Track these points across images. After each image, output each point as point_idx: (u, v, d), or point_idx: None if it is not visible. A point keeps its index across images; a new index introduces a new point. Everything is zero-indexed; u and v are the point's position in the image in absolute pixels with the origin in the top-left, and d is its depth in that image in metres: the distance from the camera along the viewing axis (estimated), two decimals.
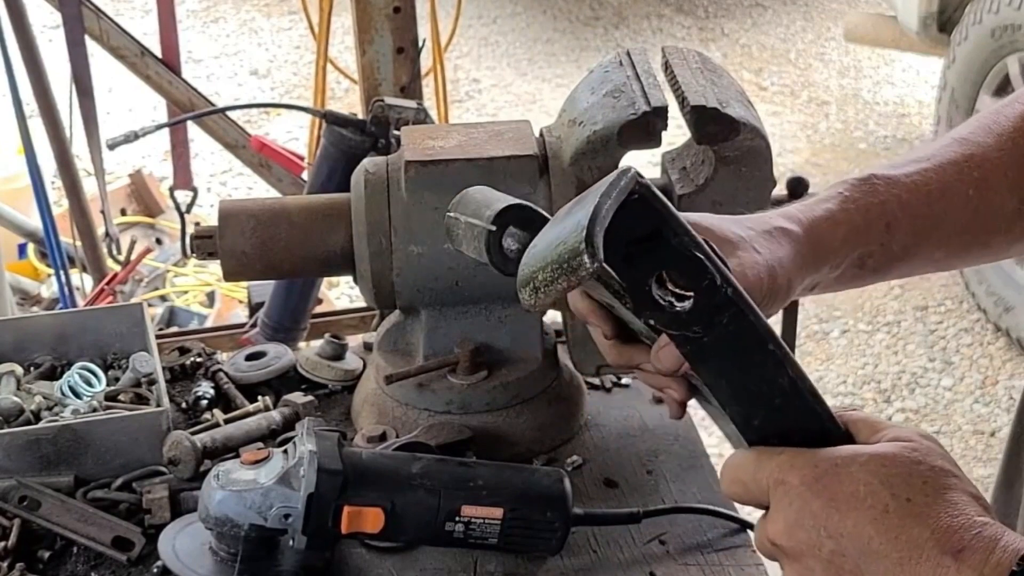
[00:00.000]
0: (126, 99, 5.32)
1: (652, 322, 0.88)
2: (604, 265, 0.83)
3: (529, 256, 0.88)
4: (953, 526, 0.82)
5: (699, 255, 0.86)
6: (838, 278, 1.10)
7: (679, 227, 0.86)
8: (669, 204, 0.87)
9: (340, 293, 4.05)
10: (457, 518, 1.23)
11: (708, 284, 0.86)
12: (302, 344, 2.37)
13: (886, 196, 1.09)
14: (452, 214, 1.03)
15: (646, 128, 1.37)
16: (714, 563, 1.30)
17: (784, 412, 0.89)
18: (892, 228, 1.09)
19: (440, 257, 1.40)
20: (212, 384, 1.57)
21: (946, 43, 4.36)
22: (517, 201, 0.98)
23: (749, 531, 1.35)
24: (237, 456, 1.33)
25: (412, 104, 2.12)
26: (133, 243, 2.95)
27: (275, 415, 1.49)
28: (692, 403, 1.03)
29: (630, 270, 0.87)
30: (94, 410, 1.47)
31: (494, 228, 0.97)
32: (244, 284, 2.84)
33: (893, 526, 0.83)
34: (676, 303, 0.87)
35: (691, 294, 0.87)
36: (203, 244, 1.45)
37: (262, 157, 2.73)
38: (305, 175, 2.64)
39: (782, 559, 0.90)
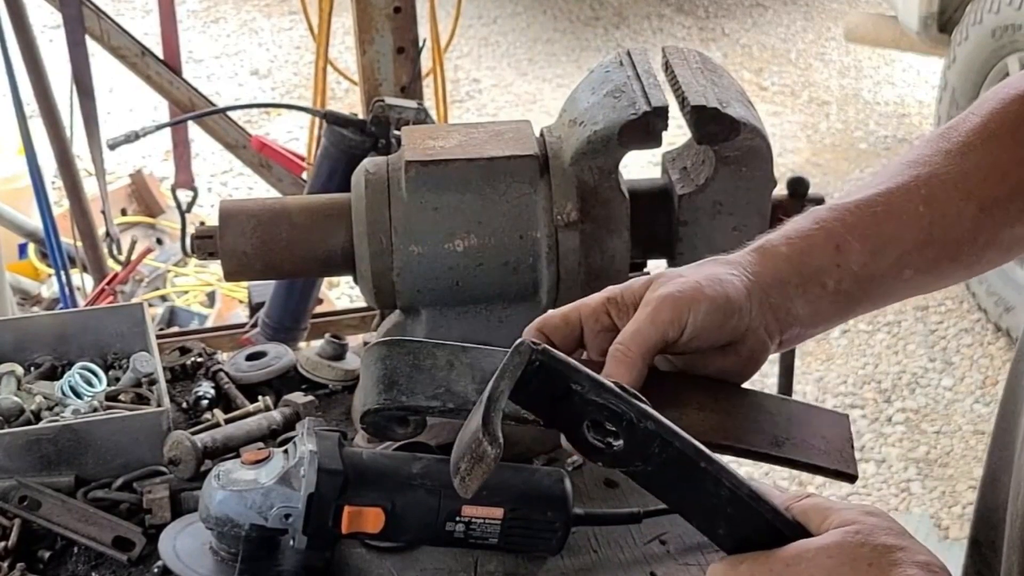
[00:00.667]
0: (127, 99, 5.32)
1: (600, 463, 0.95)
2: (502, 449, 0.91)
3: (456, 445, 0.95)
4: None
5: (610, 402, 0.93)
6: (814, 309, 1.10)
7: (585, 380, 0.93)
8: (571, 362, 0.94)
9: (340, 293, 4.05)
10: (457, 518, 1.23)
11: (627, 424, 0.92)
12: (302, 344, 2.37)
13: (830, 223, 1.10)
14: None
15: (646, 128, 1.37)
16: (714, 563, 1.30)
17: (737, 520, 0.94)
18: (842, 250, 1.09)
19: (440, 257, 1.40)
20: (213, 384, 1.57)
21: (946, 43, 4.37)
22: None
23: None
24: (238, 456, 1.33)
25: (412, 104, 2.12)
26: (134, 243, 2.95)
27: (275, 415, 1.49)
28: None
29: (564, 425, 0.95)
30: (95, 410, 1.48)
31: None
32: (244, 284, 2.84)
33: None
34: (613, 443, 0.93)
35: (620, 437, 0.93)
36: (204, 244, 1.45)
37: (262, 157, 2.74)
38: (305, 175, 2.64)
39: None
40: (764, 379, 3.84)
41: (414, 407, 1.06)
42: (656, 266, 1.48)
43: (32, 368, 1.58)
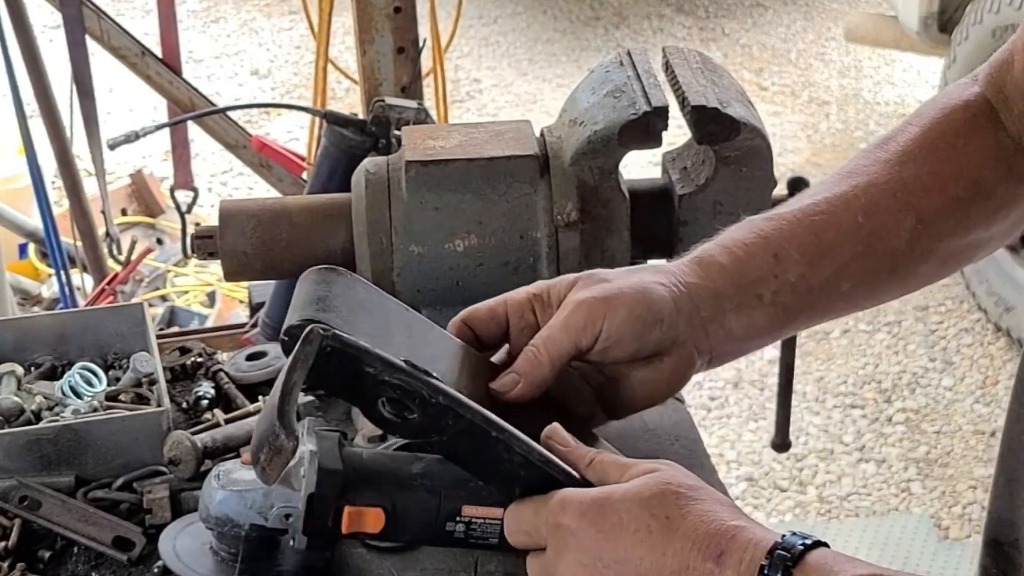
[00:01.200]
0: (127, 99, 5.32)
1: (400, 438, 1.01)
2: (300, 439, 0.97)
3: (254, 434, 0.99)
4: (710, 532, 0.89)
5: (403, 380, 0.96)
6: (749, 322, 1.09)
7: (377, 362, 0.96)
8: (361, 345, 0.96)
9: None
10: (458, 518, 1.23)
11: (420, 400, 0.96)
12: None
13: (768, 232, 1.10)
14: None
15: (646, 128, 1.37)
16: None
17: (532, 482, 0.98)
18: (780, 259, 1.08)
19: (441, 257, 1.40)
20: (213, 384, 1.57)
21: (947, 43, 4.37)
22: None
23: None
24: (238, 456, 1.33)
25: (413, 104, 2.12)
26: (134, 243, 2.96)
27: None
28: (691, 404, 1.04)
29: (361, 403, 0.98)
30: (95, 410, 1.48)
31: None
32: (245, 284, 2.84)
33: (658, 544, 0.90)
34: (408, 416, 0.97)
35: (415, 412, 0.97)
36: (204, 244, 1.45)
37: (263, 157, 2.74)
38: (305, 175, 2.64)
39: None
40: (764, 379, 3.85)
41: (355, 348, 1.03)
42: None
43: (32, 368, 1.58)
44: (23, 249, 3.99)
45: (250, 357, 1.61)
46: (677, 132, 1.39)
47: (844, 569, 0.86)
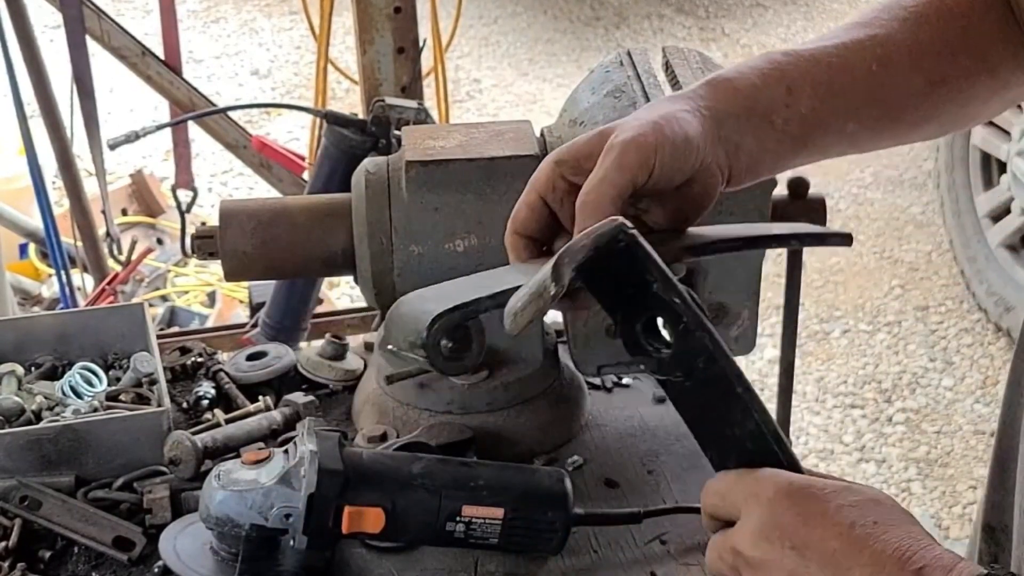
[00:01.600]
0: (127, 99, 5.32)
1: (643, 367, 0.95)
2: (580, 286, 0.92)
3: (512, 298, 0.96)
4: (914, 548, 0.87)
5: (675, 302, 0.92)
6: (762, 145, 1.10)
7: (659, 276, 0.92)
8: (653, 254, 0.93)
9: (341, 293, 4.05)
10: (458, 518, 1.23)
11: (683, 329, 0.92)
12: (303, 344, 2.37)
13: (784, 65, 1.11)
14: (392, 350, 1.07)
15: None
16: None
17: (751, 456, 0.94)
18: (793, 92, 1.10)
19: (441, 257, 1.40)
20: (213, 384, 1.57)
21: None
22: (436, 317, 1.03)
23: None
24: (238, 456, 1.33)
25: (413, 104, 2.13)
26: (134, 243, 2.96)
27: (276, 415, 1.49)
28: None
29: (623, 315, 0.94)
30: (95, 410, 1.48)
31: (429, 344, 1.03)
32: (245, 284, 2.84)
33: (857, 540, 0.88)
34: (661, 349, 0.94)
35: (672, 342, 0.94)
36: (204, 244, 1.45)
37: (263, 157, 2.74)
38: (306, 175, 2.64)
39: (742, 569, 0.93)
40: (764, 379, 3.84)
41: (474, 305, 1.03)
42: None
43: (33, 368, 1.58)
44: (23, 249, 3.99)
45: (250, 357, 1.61)
46: None
47: None
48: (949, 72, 1.15)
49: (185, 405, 1.55)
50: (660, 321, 0.93)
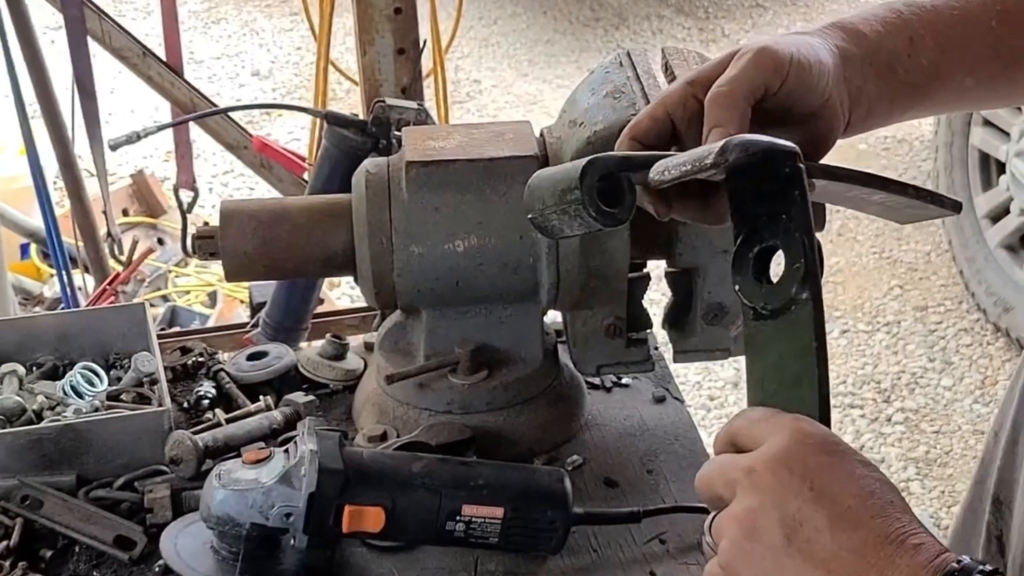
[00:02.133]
0: (128, 100, 5.32)
1: (737, 287, 0.95)
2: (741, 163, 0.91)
3: (674, 156, 0.97)
4: (915, 528, 0.88)
5: (807, 242, 0.92)
6: (881, 92, 1.10)
7: (803, 213, 0.92)
8: (808, 192, 0.92)
9: (341, 293, 4.06)
10: (458, 517, 1.24)
11: (799, 270, 0.91)
12: (303, 344, 2.38)
13: (907, 15, 1.12)
14: (536, 214, 1.03)
15: None
16: None
17: (798, 408, 0.93)
18: (915, 43, 1.11)
19: (441, 257, 1.40)
20: (214, 384, 1.57)
21: None
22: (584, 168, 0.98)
23: None
24: (238, 455, 1.33)
25: (413, 105, 2.13)
26: (135, 243, 2.96)
27: (276, 415, 1.49)
28: (691, 404, 1.04)
29: (744, 230, 0.94)
30: (96, 410, 1.48)
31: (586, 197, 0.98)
32: (245, 284, 2.85)
33: (873, 508, 0.88)
34: (765, 281, 0.94)
35: (781, 279, 0.93)
36: (205, 244, 1.45)
37: (263, 158, 2.74)
38: (306, 176, 2.64)
39: (742, 491, 0.91)
40: None
41: (627, 160, 1.00)
42: (655, 266, 1.49)
43: (34, 368, 1.58)
44: (25, 249, 3.99)
45: (251, 357, 1.62)
46: None
47: None
48: None
49: (186, 405, 1.55)
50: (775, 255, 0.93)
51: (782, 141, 0.94)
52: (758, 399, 0.95)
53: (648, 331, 1.51)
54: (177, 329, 3.18)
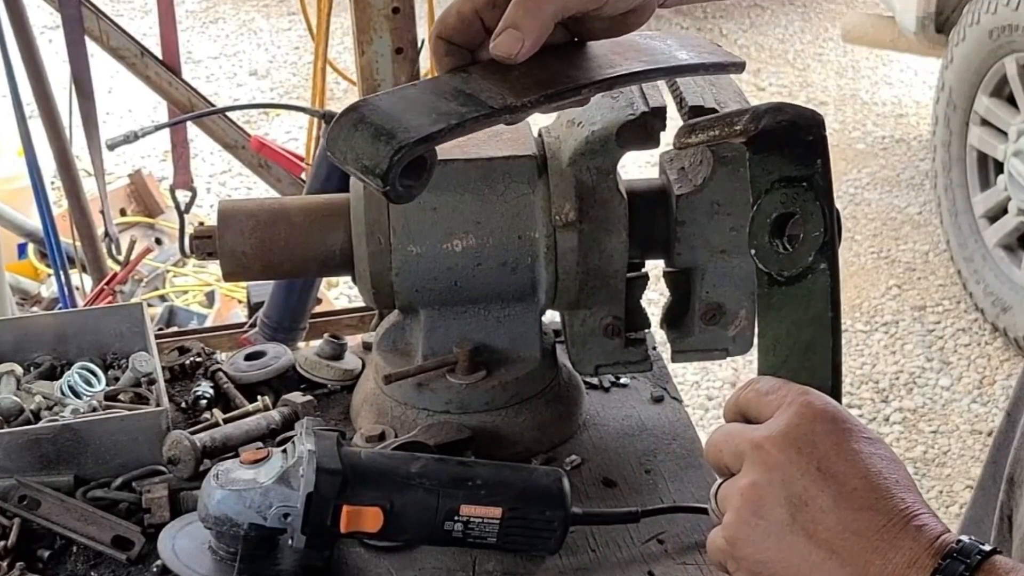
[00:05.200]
0: (126, 100, 5.33)
1: (752, 252, 0.96)
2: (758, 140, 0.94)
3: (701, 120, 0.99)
4: (917, 509, 0.90)
5: (827, 211, 0.93)
6: None
7: (824, 181, 0.94)
8: (829, 162, 0.94)
9: (339, 293, 4.06)
10: (456, 517, 1.24)
11: (818, 238, 0.93)
12: (301, 344, 2.37)
13: None
14: (337, 159, 1.03)
15: (644, 129, 1.37)
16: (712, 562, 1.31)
17: (809, 377, 0.95)
18: None
19: (439, 257, 1.40)
20: (211, 384, 1.57)
21: (944, 44, 4.37)
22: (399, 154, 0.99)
23: None
24: (236, 455, 1.33)
25: None
26: (133, 243, 2.95)
27: (274, 415, 1.49)
28: (689, 404, 1.04)
29: (764, 198, 0.95)
30: (94, 410, 1.48)
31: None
32: (243, 284, 2.84)
33: (878, 490, 0.89)
34: (782, 247, 0.95)
35: (799, 246, 0.94)
36: (202, 244, 1.45)
37: (261, 157, 2.74)
38: (304, 175, 2.64)
39: (749, 464, 0.92)
40: None
41: (427, 135, 1.00)
42: (654, 266, 1.49)
43: (31, 368, 1.58)
44: (22, 249, 3.99)
45: (249, 357, 1.62)
46: (675, 133, 1.39)
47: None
48: None
49: (184, 405, 1.55)
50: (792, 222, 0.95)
51: (809, 109, 0.95)
52: (769, 364, 0.97)
53: (646, 331, 1.51)
54: (175, 329, 3.18)
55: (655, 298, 2.83)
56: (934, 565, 0.86)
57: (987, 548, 0.88)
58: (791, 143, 0.94)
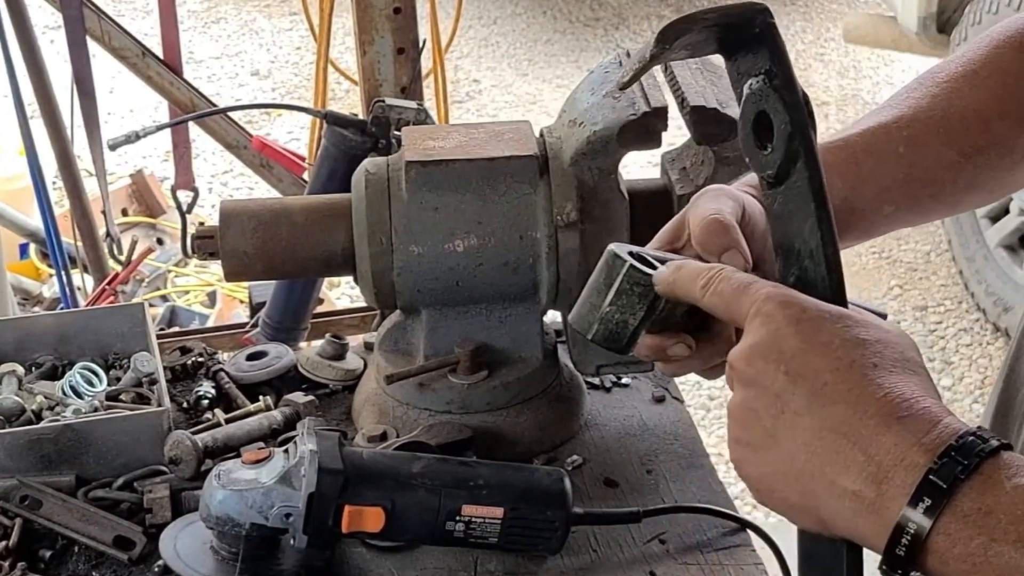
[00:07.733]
0: (127, 100, 5.33)
1: (748, 159, 0.96)
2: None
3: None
4: (905, 395, 0.85)
5: (786, 97, 0.92)
6: None
7: (780, 69, 0.93)
8: (783, 48, 0.93)
9: (341, 293, 4.06)
10: (458, 517, 1.24)
11: (786, 129, 0.92)
12: (303, 344, 2.38)
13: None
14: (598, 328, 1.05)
15: (646, 129, 1.37)
16: (714, 562, 1.31)
17: (808, 276, 0.94)
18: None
19: (440, 257, 1.40)
20: (213, 384, 1.57)
21: (945, 44, 4.37)
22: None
23: (749, 530, 1.35)
24: (238, 456, 1.33)
25: (412, 105, 2.13)
26: (134, 243, 2.96)
27: (276, 415, 1.49)
28: (690, 404, 1.04)
29: (745, 103, 0.95)
30: (95, 410, 1.48)
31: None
32: (245, 284, 2.85)
33: (851, 380, 0.85)
34: (768, 147, 0.94)
35: (775, 143, 0.94)
36: (204, 244, 1.45)
37: (263, 157, 2.74)
38: (306, 175, 2.64)
39: (733, 388, 0.91)
40: None
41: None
42: None
43: (33, 368, 1.58)
44: (24, 249, 4.00)
45: (250, 357, 1.62)
46: (676, 133, 1.39)
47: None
48: (983, 142, 1.15)
49: (185, 405, 1.55)
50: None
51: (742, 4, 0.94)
52: (779, 276, 0.96)
53: None
54: (176, 329, 3.18)
55: None
56: (928, 464, 0.81)
57: (994, 443, 0.82)
58: (741, 43, 0.94)
